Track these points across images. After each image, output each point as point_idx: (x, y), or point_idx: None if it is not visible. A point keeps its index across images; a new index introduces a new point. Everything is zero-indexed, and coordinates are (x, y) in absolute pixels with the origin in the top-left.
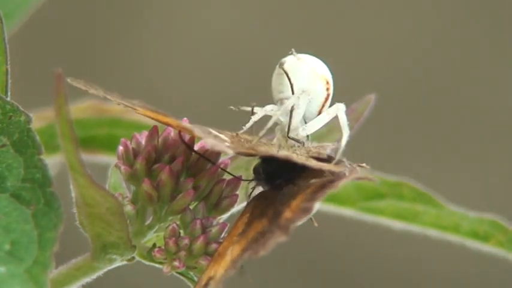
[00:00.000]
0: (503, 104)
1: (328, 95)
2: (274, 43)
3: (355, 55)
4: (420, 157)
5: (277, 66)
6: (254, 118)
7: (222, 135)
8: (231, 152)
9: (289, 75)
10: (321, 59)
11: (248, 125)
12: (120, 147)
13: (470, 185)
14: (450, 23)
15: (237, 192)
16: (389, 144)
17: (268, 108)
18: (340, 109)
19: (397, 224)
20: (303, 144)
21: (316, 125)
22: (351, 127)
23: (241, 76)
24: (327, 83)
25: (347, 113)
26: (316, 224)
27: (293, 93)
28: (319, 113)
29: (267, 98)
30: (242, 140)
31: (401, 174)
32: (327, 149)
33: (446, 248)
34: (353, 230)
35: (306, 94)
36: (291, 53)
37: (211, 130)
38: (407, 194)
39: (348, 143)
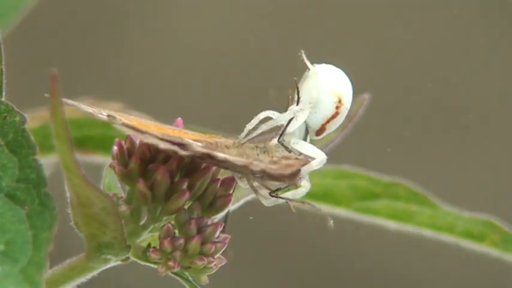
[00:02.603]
0: (499, 105)
1: (337, 113)
2: (271, 43)
3: (351, 55)
4: (415, 157)
5: (307, 70)
6: (253, 122)
7: (197, 143)
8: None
9: (304, 83)
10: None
11: (247, 128)
12: (115, 147)
13: (465, 185)
14: (447, 26)
15: (231, 192)
16: (384, 144)
17: (267, 114)
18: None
19: (392, 224)
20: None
21: (304, 148)
22: (345, 126)
23: (241, 77)
24: (339, 101)
25: None
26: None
27: (298, 101)
28: (323, 127)
29: (262, 99)
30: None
31: (396, 175)
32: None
33: (441, 248)
34: (348, 230)
35: (310, 106)
36: (300, 55)
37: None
38: (402, 194)
39: (343, 142)
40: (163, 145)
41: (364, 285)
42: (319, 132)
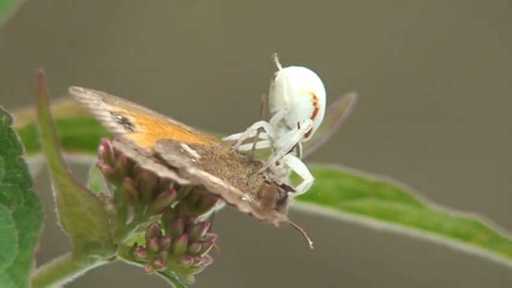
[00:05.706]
0: (486, 104)
1: (316, 109)
2: (259, 43)
3: (339, 55)
4: (402, 157)
5: (271, 79)
6: (247, 133)
7: (191, 152)
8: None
9: (276, 89)
10: (312, 70)
11: (240, 139)
12: (101, 147)
13: (452, 185)
14: (439, 23)
15: None
16: (371, 144)
17: (260, 125)
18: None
19: (378, 224)
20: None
21: (295, 166)
22: (331, 125)
23: (230, 79)
24: (314, 97)
25: (327, 112)
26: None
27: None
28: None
29: (254, 102)
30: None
31: (382, 174)
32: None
33: (428, 247)
34: (334, 230)
35: (290, 110)
36: (272, 57)
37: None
38: (389, 194)
39: (329, 141)
40: (162, 174)
41: (353, 285)
42: (307, 133)
